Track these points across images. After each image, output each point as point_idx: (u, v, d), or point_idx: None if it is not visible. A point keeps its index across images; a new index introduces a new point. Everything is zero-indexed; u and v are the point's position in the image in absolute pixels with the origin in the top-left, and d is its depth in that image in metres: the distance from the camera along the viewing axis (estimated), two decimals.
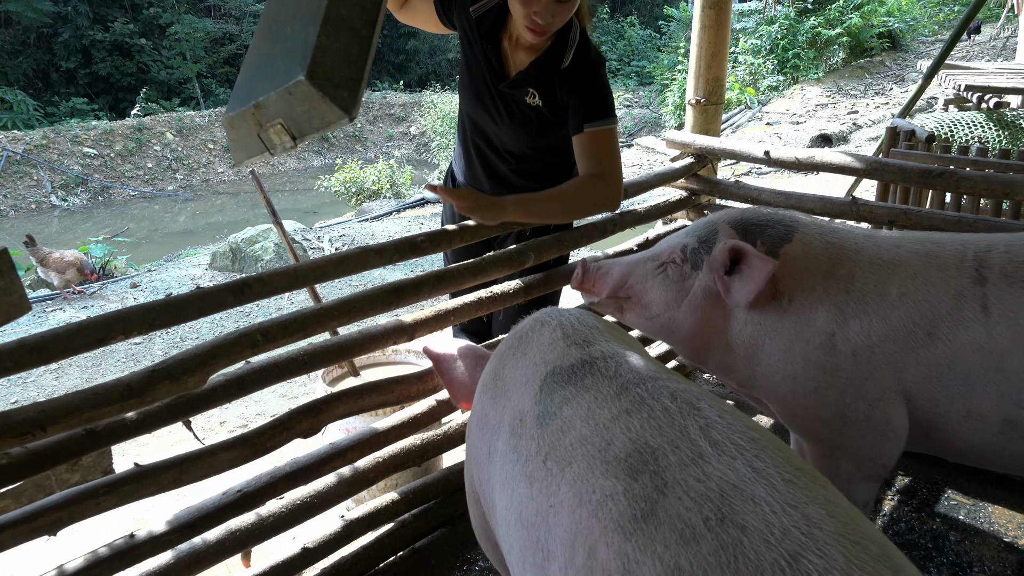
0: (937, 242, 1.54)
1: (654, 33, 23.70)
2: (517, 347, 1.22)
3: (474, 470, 1.24)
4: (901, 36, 14.84)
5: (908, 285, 1.47)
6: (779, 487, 0.78)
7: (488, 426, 1.17)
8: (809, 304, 1.52)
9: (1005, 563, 1.87)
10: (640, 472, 0.85)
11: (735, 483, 0.79)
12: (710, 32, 2.78)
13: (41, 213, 13.15)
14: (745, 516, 0.75)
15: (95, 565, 1.35)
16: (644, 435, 0.90)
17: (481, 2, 1.84)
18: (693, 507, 0.78)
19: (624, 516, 0.81)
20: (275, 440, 1.55)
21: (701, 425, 0.89)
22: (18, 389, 4.71)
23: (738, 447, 0.85)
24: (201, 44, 18.83)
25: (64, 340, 1.22)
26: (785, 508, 0.75)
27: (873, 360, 1.46)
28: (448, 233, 1.87)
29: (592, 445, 0.92)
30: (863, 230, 1.65)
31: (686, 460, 0.84)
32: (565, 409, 1.01)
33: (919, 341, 1.43)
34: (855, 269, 1.52)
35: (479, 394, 1.26)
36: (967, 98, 5.91)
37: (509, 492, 1.02)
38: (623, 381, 1.02)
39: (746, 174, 8.89)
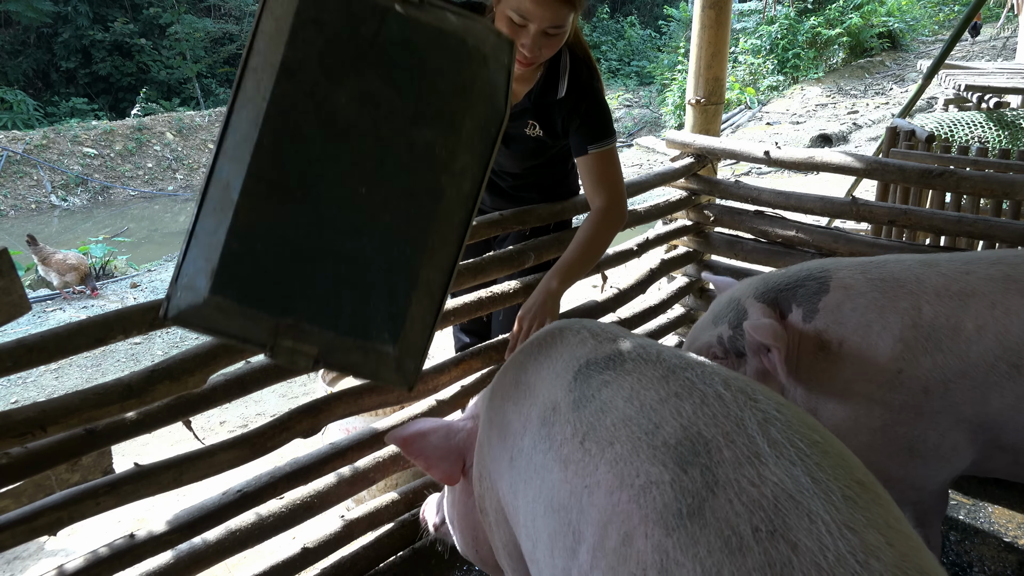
0: (1012, 264, 1.45)
1: (654, 33, 23.70)
2: (539, 352, 1.19)
3: (498, 486, 1.17)
4: (901, 36, 14.84)
5: (986, 316, 1.38)
6: (838, 504, 0.72)
7: (511, 432, 1.12)
8: (866, 343, 1.45)
9: (1005, 563, 1.87)
10: (690, 464, 0.79)
11: (792, 493, 0.73)
12: (710, 32, 2.78)
13: (41, 213, 13.15)
14: (798, 533, 0.69)
15: (95, 565, 1.35)
16: (696, 422, 0.84)
17: None
18: (744, 513, 0.72)
19: (668, 509, 0.76)
20: (275, 440, 1.55)
21: (759, 420, 0.83)
22: (18, 389, 4.71)
23: (799, 451, 0.78)
24: (201, 44, 18.82)
25: (64, 340, 1.22)
26: (842, 530, 0.69)
27: (948, 396, 1.39)
28: None
29: (637, 426, 0.87)
30: (921, 256, 1.58)
31: (741, 459, 0.78)
32: (604, 391, 0.97)
33: (1003, 374, 1.36)
34: (920, 302, 1.44)
35: (499, 404, 1.20)
36: (967, 98, 5.91)
37: (538, 482, 0.97)
38: (669, 365, 0.97)
39: (746, 174, 8.89)
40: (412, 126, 1.02)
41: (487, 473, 1.23)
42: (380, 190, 1.01)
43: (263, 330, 0.99)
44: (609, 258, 2.35)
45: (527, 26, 1.51)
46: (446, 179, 1.04)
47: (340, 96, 0.98)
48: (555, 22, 1.52)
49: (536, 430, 1.03)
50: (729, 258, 2.83)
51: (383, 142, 1.01)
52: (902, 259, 1.57)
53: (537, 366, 1.15)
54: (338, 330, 1.01)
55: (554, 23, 1.52)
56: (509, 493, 1.10)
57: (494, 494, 1.21)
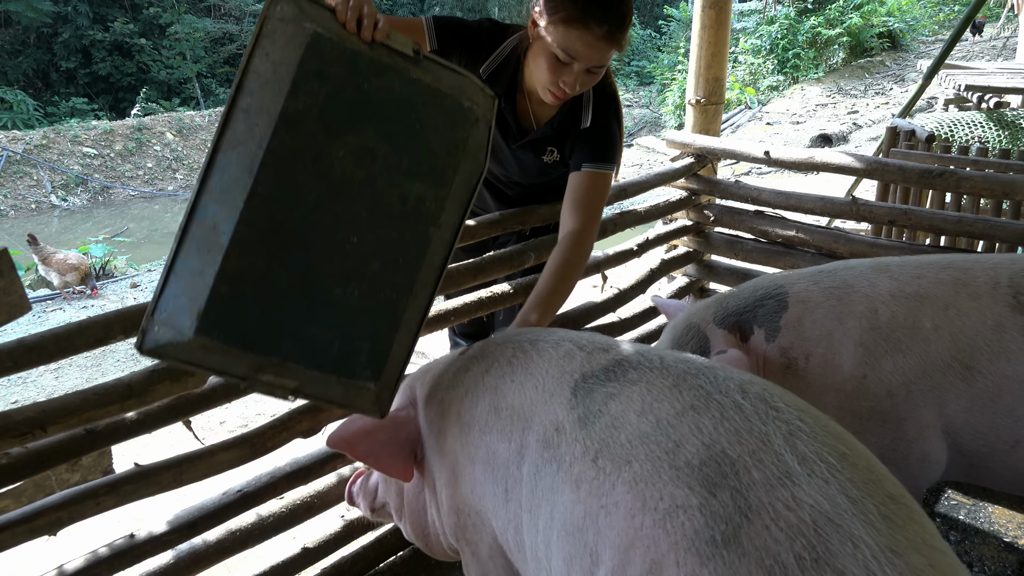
0: (962, 268, 1.46)
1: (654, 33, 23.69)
2: (512, 373, 1.12)
3: (492, 521, 1.11)
4: (901, 36, 14.84)
5: (941, 317, 1.39)
6: (878, 525, 0.70)
7: (499, 463, 1.06)
8: (829, 353, 1.45)
9: (1005, 563, 1.87)
10: (718, 487, 0.76)
11: (830, 516, 0.70)
12: (710, 32, 2.78)
13: (41, 213, 13.15)
14: (844, 560, 0.67)
15: (95, 565, 1.35)
16: (719, 440, 0.81)
17: (490, 59, 1.69)
18: (784, 540, 0.69)
19: (700, 536, 0.73)
20: (275, 440, 1.55)
21: (784, 433, 0.80)
22: (18, 389, 4.71)
23: (830, 467, 0.76)
24: (201, 44, 18.82)
25: (64, 340, 1.22)
26: (887, 554, 0.67)
27: (911, 399, 1.39)
28: None
29: (656, 444, 0.84)
30: (871, 261, 1.58)
31: (772, 480, 0.75)
32: (611, 405, 0.92)
33: (957, 375, 1.37)
34: (876, 304, 1.45)
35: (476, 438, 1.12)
36: (967, 98, 5.91)
37: (548, 508, 0.92)
38: (676, 372, 0.93)
39: (746, 174, 8.89)
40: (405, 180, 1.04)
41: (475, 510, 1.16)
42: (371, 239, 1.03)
43: (244, 365, 0.99)
44: (609, 258, 2.35)
45: (572, 64, 1.49)
46: (432, 230, 1.08)
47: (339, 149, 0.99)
48: (601, 62, 1.50)
49: (538, 454, 0.98)
50: (729, 258, 2.83)
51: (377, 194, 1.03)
52: (852, 265, 1.57)
53: (518, 387, 1.09)
54: (322, 368, 1.03)
55: (600, 63, 1.50)
56: (508, 528, 1.05)
57: (488, 530, 1.15)
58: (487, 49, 1.69)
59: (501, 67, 1.70)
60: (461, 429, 1.17)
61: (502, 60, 1.69)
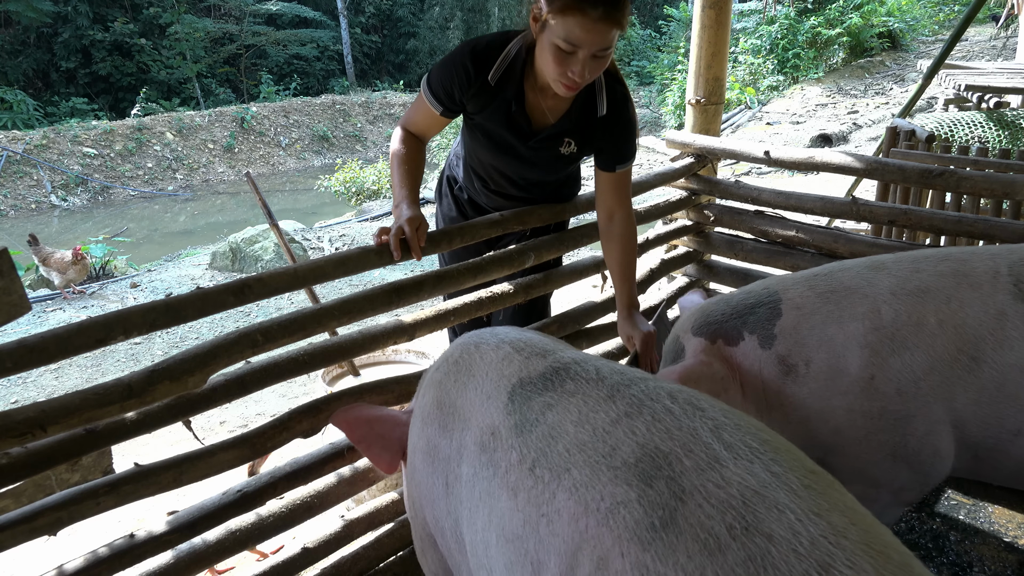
0: (960, 259, 1.46)
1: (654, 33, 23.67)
2: (458, 371, 1.16)
3: (426, 511, 1.17)
4: (901, 36, 14.82)
5: (944, 311, 1.39)
6: (800, 493, 0.76)
7: (440, 457, 1.11)
8: (832, 357, 1.45)
9: (1005, 563, 1.87)
10: (654, 478, 0.81)
11: (756, 489, 0.76)
12: (710, 32, 2.78)
13: (41, 213, 13.14)
14: (771, 524, 0.72)
15: (95, 565, 1.35)
16: (652, 438, 0.85)
17: (495, 64, 1.71)
18: (715, 515, 0.74)
19: (640, 524, 0.77)
20: (275, 440, 1.55)
21: (711, 427, 0.85)
22: (18, 389, 4.71)
23: (753, 450, 0.82)
24: (201, 44, 18.81)
25: (64, 341, 1.22)
26: (810, 516, 0.73)
27: (920, 396, 1.39)
28: (448, 233, 1.87)
29: (593, 450, 0.88)
30: (866, 260, 1.58)
31: (702, 464, 0.80)
32: (549, 415, 0.96)
33: (965, 367, 1.37)
34: (878, 304, 1.44)
35: (419, 429, 1.19)
36: (967, 98, 5.91)
37: (486, 511, 0.96)
38: (611, 383, 0.97)
39: (746, 174, 8.88)
40: None
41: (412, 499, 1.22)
42: None
43: None
44: None
45: (576, 52, 1.51)
46: None
47: None
48: (604, 45, 1.52)
49: (475, 456, 1.02)
50: (729, 258, 2.83)
51: None
52: (847, 267, 1.57)
53: (460, 387, 1.13)
54: None
55: (603, 46, 1.52)
56: (447, 520, 1.09)
57: (420, 519, 1.20)
58: (484, 64, 1.71)
59: (508, 70, 1.72)
60: (413, 420, 1.23)
61: (508, 63, 1.71)
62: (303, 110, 17.89)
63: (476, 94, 1.74)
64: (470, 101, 1.76)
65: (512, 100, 1.73)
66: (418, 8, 22.80)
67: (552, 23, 1.50)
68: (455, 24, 22.03)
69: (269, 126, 17.07)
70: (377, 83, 21.77)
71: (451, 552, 1.12)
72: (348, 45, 20.85)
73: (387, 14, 22.54)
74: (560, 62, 1.53)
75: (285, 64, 20.51)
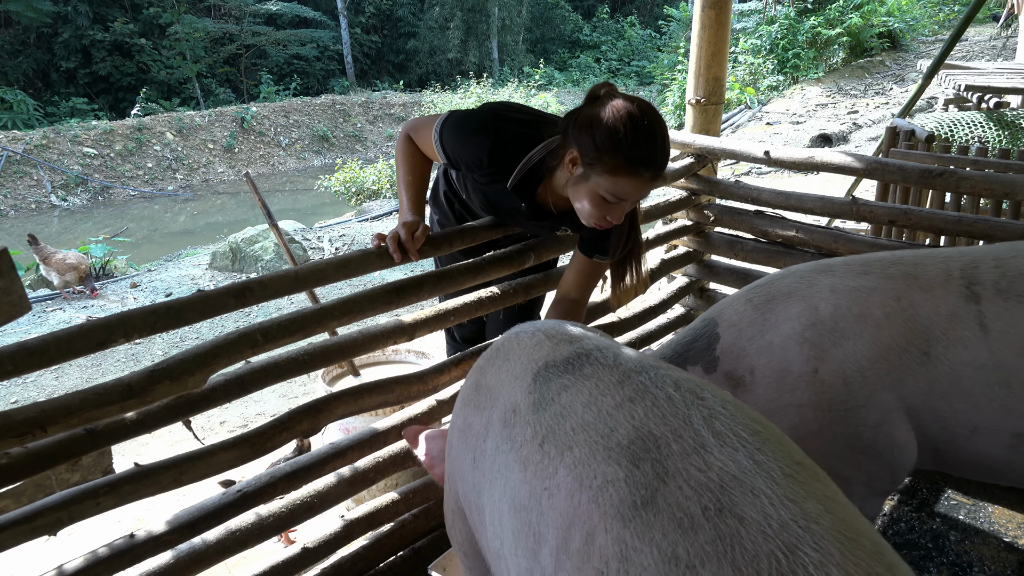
0: (911, 263, 1.50)
1: (654, 33, 23.69)
2: (496, 357, 1.22)
3: (458, 485, 1.23)
4: (901, 36, 14.82)
5: (893, 306, 1.44)
6: (779, 480, 0.79)
7: (472, 433, 1.17)
8: (774, 359, 1.49)
9: (1005, 563, 1.87)
10: (642, 459, 0.85)
11: (736, 474, 0.79)
12: (710, 32, 2.78)
13: (41, 213, 13.14)
14: (744, 507, 0.75)
15: (95, 565, 1.35)
16: (648, 423, 0.90)
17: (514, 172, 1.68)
18: (693, 496, 0.78)
19: (624, 503, 0.81)
20: (275, 440, 1.55)
21: (704, 415, 0.89)
22: (18, 389, 4.71)
23: (740, 439, 0.85)
24: (201, 44, 18.81)
25: (65, 343, 1.22)
26: (784, 501, 0.76)
27: (867, 384, 1.42)
28: (448, 235, 1.87)
29: (595, 431, 0.92)
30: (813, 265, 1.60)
31: (688, 449, 0.84)
32: (564, 395, 1.01)
33: (916, 359, 1.40)
34: (815, 303, 1.49)
35: (459, 409, 1.25)
36: (967, 98, 5.91)
37: (502, 482, 1.01)
38: (624, 369, 1.02)
39: (746, 174, 8.88)
40: None
41: (448, 475, 1.29)
42: None
43: None
44: None
45: (620, 203, 1.52)
46: None
47: None
48: (646, 196, 1.57)
49: (499, 432, 1.07)
50: (729, 258, 2.83)
51: None
52: (786, 274, 1.60)
53: (496, 370, 1.19)
54: None
55: (645, 197, 1.57)
56: (472, 493, 1.14)
57: (452, 494, 1.27)
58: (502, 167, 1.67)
59: (526, 178, 1.69)
60: (456, 403, 1.30)
61: (528, 171, 1.68)
62: (303, 110, 17.89)
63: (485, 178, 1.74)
64: (475, 196, 1.84)
65: (524, 201, 1.74)
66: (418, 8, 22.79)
67: (599, 178, 1.48)
68: (455, 24, 22.03)
69: (269, 126, 17.07)
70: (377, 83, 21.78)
71: (476, 525, 1.17)
72: (348, 45, 20.86)
73: (387, 14, 22.54)
74: (600, 208, 1.53)
75: (285, 64, 20.51)
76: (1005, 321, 1.36)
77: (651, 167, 1.47)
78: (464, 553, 1.31)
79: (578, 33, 24.92)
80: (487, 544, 1.09)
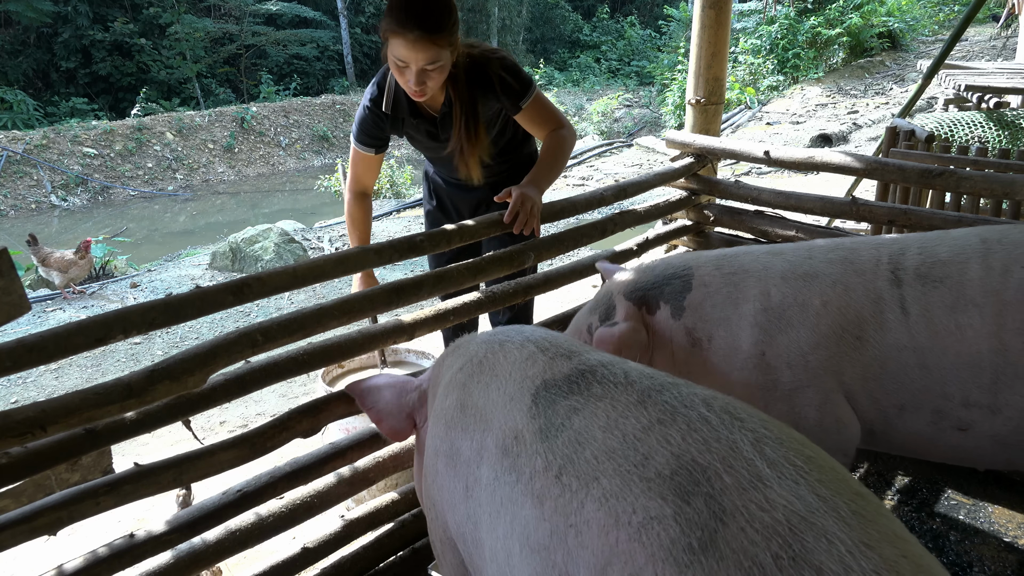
0: (850, 248, 1.59)
1: (654, 33, 23.67)
2: (480, 372, 1.13)
3: (447, 515, 1.13)
4: (901, 36, 14.81)
5: (829, 293, 1.51)
6: (849, 520, 0.71)
7: (461, 460, 1.07)
8: (729, 335, 1.57)
9: (1005, 563, 1.87)
10: (692, 494, 0.76)
11: (803, 515, 0.71)
12: (710, 32, 2.78)
13: (41, 213, 13.14)
14: (820, 556, 0.67)
15: (95, 565, 1.35)
16: (689, 450, 0.81)
17: (382, 96, 2.04)
18: (760, 542, 0.70)
19: (677, 544, 0.73)
20: (275, 440, 1.55)
21: (752, 440, 0.80)
22: (18, 389, 4.71)
23: (798, 469, 0.77)
24: (201, 44, 18.80)
25: (64, 340, 1.22)
26: (860, 547, 0.68)
27: (809, 368, 1.50)
28: (448, 233, 1.87)
29: (624, 459, 0.83)
30: (769, 247, 1.71)
31: (744, 484, 0.75)
32: (575, 419, 0.92)
33: (850, 345, 1.48)
34: (768, 287, 1.57)
35: (443, 433, 1.15)
36: (967, 98, 5.90)
37: (508, 518, 0.92)
38: (641, 388, 0.93)
39: (746, 174, 8.88)
40: None
41: (432, 501, 1.19)
42: None
43: None
44: (609, 258, 2.34)
45: (408, 67, 1.79)
46: None
47: None
48: (428, 61, 1.78)
49: (497, 460, 0.98)
50: None
51: None
52: (752, 250, 1.69)
53: (483, 388, 1.09)
54: None
55: (428, 62, 1.78)
56: (467, 524, 1.06)
57: (440, 524, 1.17)
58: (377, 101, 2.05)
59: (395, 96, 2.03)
60: (434, 420, 1.20)
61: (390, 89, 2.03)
62: (303, 110, 17.88)
63: (391, 125, 2.09)
64: (391, 131, 2.12)
65: (407, 114, 2.06)
66: None
67: (386, 45, 1.80)
68: None
69: (269, 126, 17.06)
70: None
71: (471, 558, 1.08)
72: (348, 45, 20.84)
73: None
74: (400, 75, 1.83)
75: (285, 64, 20.50)
76: (922, 304, 1.44)
77: (415, 28, 1.72)
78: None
79: (578, 33, 24.91)
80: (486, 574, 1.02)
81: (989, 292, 1.39)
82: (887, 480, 2.20)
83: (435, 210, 2.40)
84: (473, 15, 22.33)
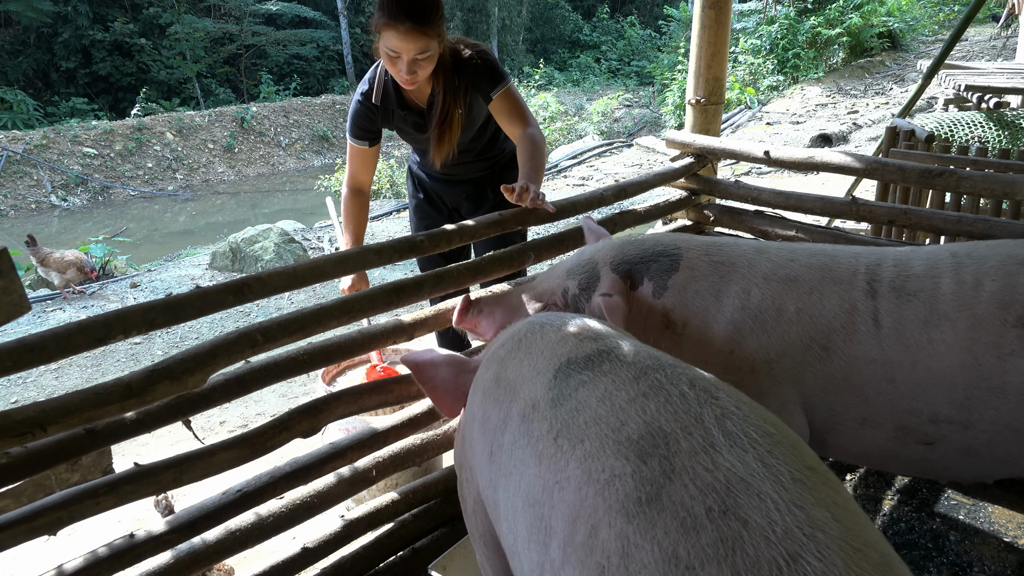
0: (831, 255, 1.56)
1: (654, 33, 23.68)
2: (517, 349, 1.21)
3: (478, 479, 1.21)
4: (901, 36, 14.82)
5: (804, 300, 1.49)
6: (788, 485, 0.77)
7: (490, 426, 1.15)
8: (704, 326, 1.55)
9: (1005, 563, 1.87)
10: (650, 455, 0.84)
11: (743, 476, 0.78)
12: (710, 32, 2.78)
13: (41, 213, 13.14)
14: (749, 511, 0.74)
15: (95, 565, 1.35)
16: (659, 418, 0.89)
17: (372, 89, 2.16)
18: (698, 496, 0.77)
19: (629, 498, 0.80)
20: (275, 440, 1.55)
21: (717, 414, 0.88)
22: (18, 389, 4.71)
23: (751, 440, 0.83)
24: (201, 44, 18.80)
25: (64, 340, 1.22)
26: (790, 507, 0.74)
27: (772, 375, 1.48)
28: (448, 233, 1.87)
29: (606, 424, 0.91)
30: (755, 243, 1.68)
31: (697, 448, 0.83)
32: (581, 391, 1.00)
33: (816, 356, 1.46)
34: (750, 286, 1.54)
35: (480, 401, 1.23)
36: (967, 98, 5.90)
37: (517, 477, 1.00)
38: (642, 366, 1.01)
39: (746, 174, 8.88)
40: None
41: (467, 465, 1.27)
42: None
43: None
44: None
45: (399, 57, 1.90)
46: None
47: None
48: (419, 51, 1.90)
49: (517, 426, 1.06)
50: None
51: None
52: (740, 243, 1.66)
53: (517, 363, 1.17)
54: None
55: (419, 52, 1.90)
56: (489, 487, 1.13)
57: (473, 485, 1.25)
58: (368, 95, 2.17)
59: (384, 89, 2.16)
60: (474, 389, 1.27)
61: (382, 83, 2.15)
62: (303, 110, 17.88)
63: (381, 117, 2.21)
64: (381, 124, 2.23)
65: (396, 107, 2.18)
66: None
67: (378, 37, 1.92)
68: (455, 24, 22.02)
69: (269, 126, 17.07)
70: None
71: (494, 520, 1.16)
72: (348, 45, 20.84)
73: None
74: (392, 65, 1.96)
75: (285, 64, 20.50)
76: (895, 317, 1.41)
77: (406, 20, 1.84)
78: (484, 543, 1.30)
79: (578, 33, 24.92)
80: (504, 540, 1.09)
81: (962, 306, 1.37)
82: (887, 480, 2.20)
83: (423, 202, 2.52)
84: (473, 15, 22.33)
